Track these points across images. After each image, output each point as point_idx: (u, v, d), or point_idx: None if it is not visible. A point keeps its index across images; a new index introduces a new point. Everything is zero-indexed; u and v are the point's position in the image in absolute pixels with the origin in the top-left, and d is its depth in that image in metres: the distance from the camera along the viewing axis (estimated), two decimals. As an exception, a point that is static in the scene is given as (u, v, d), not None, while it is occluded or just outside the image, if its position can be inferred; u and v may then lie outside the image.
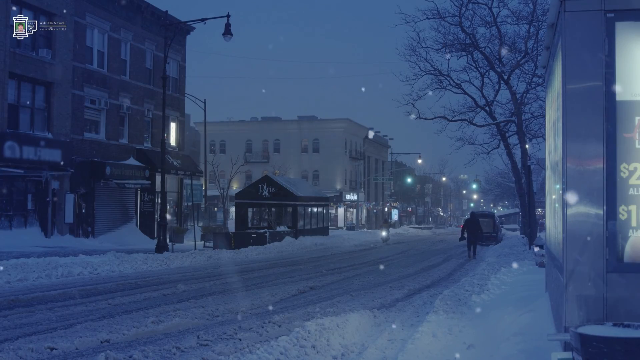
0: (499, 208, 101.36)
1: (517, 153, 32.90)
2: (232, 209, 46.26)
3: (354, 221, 67.50)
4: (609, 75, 5.38)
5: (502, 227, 51.96)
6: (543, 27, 26.56)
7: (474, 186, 75.44)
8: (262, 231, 31.91)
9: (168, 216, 29.75)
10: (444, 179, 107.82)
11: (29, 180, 25.50)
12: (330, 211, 57.84)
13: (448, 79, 31.68)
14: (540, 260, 15.19)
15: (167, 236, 26.08)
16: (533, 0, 27.90)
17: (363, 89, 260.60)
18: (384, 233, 39.29)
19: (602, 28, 5.41)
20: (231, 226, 39.91)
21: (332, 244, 33.79)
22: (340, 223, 70.28)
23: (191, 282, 15.14)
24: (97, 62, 29.44)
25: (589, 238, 5.36)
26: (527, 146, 31.11)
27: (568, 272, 5.42)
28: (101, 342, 8.13)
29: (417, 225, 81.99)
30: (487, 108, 32.80)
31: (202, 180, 40.45)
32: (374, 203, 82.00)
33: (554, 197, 7.45)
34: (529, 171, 28.76)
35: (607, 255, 5.32)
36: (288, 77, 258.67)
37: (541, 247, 16.71)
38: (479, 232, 25.97)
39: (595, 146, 5.37)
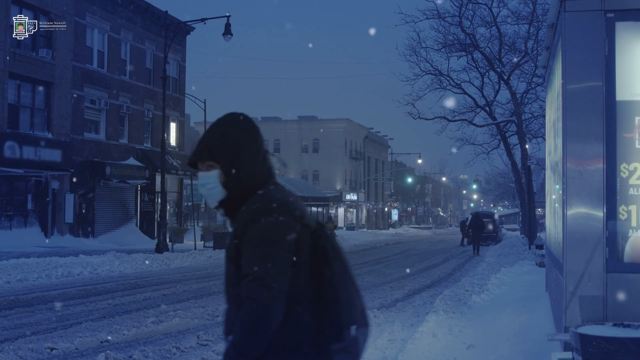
0: (499, 208, 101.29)
1: (517, 153, 32.91)
2: (232, 209, 46.11)
3: (354, 221, 67.48)
4: (609, 75, 5.37)
5: (502, 227, 52.01)
6: (543, 27, 26.55)
7: (474, 186, 75.40)
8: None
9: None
10: (444, 179, 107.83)
11: (29, 180, 25.50)
12: (330, 211, 57.86)
13: (448, 79, 31.71)
14: (540, 260, 15.19)
15: (167, 236, 26.07)
16: (533, 0, 27.92)
17: (363, 89, 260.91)
18: None
19: (602, 28, 5.40)
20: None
21: (332, 244, 33.71)
22: (340, 223, 70.25)
23: (191, 282, 15.14)
24: (97, 62, 29.44)
25: (589, 238, 5.36)
26: (527, 146, 31.12)
27: (568, 272, 5.42)
28: (101, 342, 8.12)
29: (417, 225, 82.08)
30: (487, 108, 32.81)
31: (202, 180, 40.35)
32: (374, 203, 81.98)
33: (554, 197, 7.45)
34: (529, 171, 28.78)
35: (607, 255, 5.31)
36: (288, 77, 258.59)
37: (541, 247, 16.71)
38: (481, 231, 26.78)
39: (595, 146, 5.36)
